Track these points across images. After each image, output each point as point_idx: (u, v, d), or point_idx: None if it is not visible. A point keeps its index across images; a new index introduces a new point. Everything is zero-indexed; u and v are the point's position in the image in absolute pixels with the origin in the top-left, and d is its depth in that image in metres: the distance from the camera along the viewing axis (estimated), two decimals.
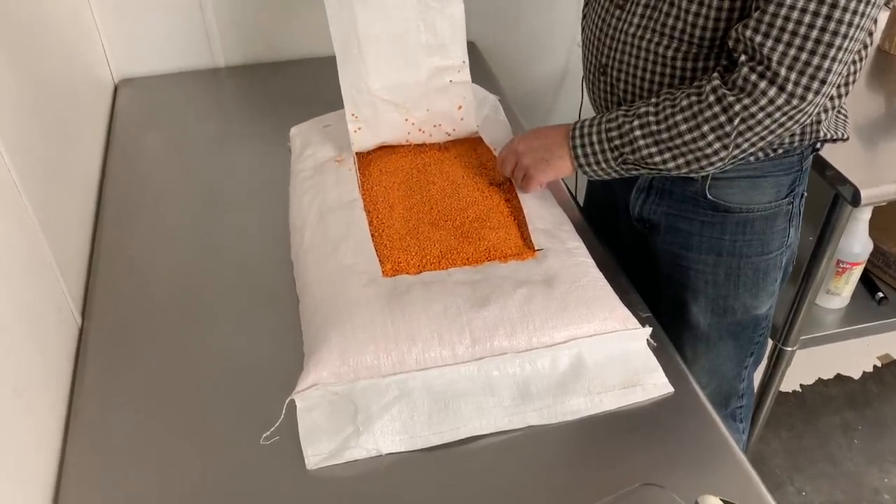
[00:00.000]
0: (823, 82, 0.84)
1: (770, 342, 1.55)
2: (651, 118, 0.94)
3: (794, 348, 1.54)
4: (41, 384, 0.86)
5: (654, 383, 0.91)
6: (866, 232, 1.51)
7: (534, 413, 0.87)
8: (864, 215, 1.49)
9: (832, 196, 1.30)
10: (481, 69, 1.55)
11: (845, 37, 0.81)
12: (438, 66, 1.17)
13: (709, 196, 1.07)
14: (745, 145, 0.90)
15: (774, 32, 0.83)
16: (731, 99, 0.87)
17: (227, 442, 0.85)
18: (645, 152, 0.95)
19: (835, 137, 1.03)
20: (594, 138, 0.99)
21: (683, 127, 0.91)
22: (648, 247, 1.20)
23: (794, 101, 0.85)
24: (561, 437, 0.87)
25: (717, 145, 0.90)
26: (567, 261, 1.00)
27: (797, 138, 1.00)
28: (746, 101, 0.86)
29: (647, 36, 0.97)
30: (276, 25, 1.57)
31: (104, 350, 0.97)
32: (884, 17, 1.62)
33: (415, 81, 1.17)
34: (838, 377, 2.06)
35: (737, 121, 0.87)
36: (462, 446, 0.85)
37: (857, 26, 0.81)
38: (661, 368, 0.92)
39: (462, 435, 0.85)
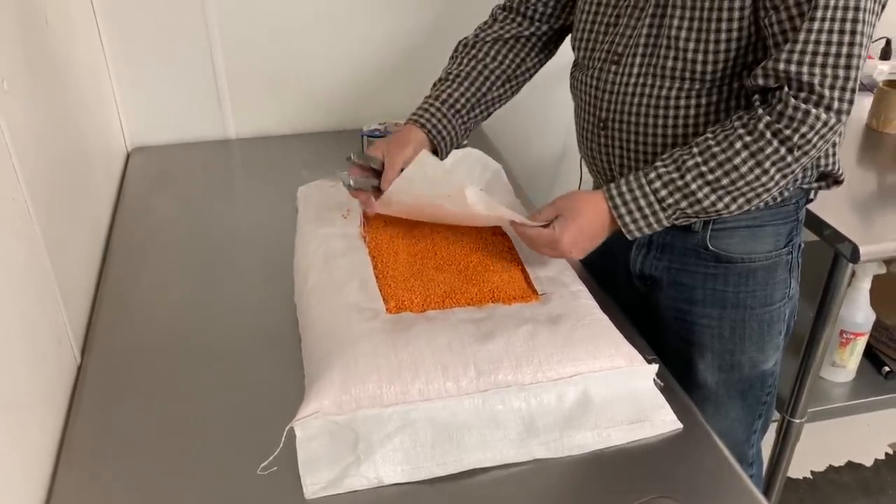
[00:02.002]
0: (854, 91, 0.89)
1: (778, 415, 1.53)
2: (704, 168, 0.93)
3: (803, 420, 1.50)
4: (35, 410, 0.85)
5: (663, 419, 0.89)
6: (867, 301, 1.51)
7: (540, 447, 0.85)
8: (864, 284, 1.50)
9: (832, 258, 1.32)
10: (487, 147, 1.59)
11: (861, 45, 0.87)
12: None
13: (710, 247, 1.08)
14: (798, 168, 0.93)
15: (808, 58, 0.87)
16: (788, 132, 0.89)
17: (223, 475, 0.83)
18: (706, 203, 0.94)
19: (835, 173, 1.06)
20: (642, 203, 0.96)
21: (745, 168, 0.92)
22: (650, 305, 1.20)
23: (842, 116, 0.89)
24: (569, 470, 0.84)
25: (777, 176, 0.92)
26: (571, 302, 1.00)
27: (799, 173, 1.02)
28: (804, 129, 0.89)
29: (648, 81, 1.01)
30: (286, 100, 1.63)
31: (102, 385, 0.95)
32: (868, 100, 1.70)
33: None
34: (850, 464, 2.00)
35: (797, 151, 0.90)
36: (467, 479, 0.82)
37: (869, 35, 0.88)
38: (668, 406, 0.90)
39: (466, 466, 0.82)
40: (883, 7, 0.90)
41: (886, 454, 2.03)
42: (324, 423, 0.84)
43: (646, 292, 1.19)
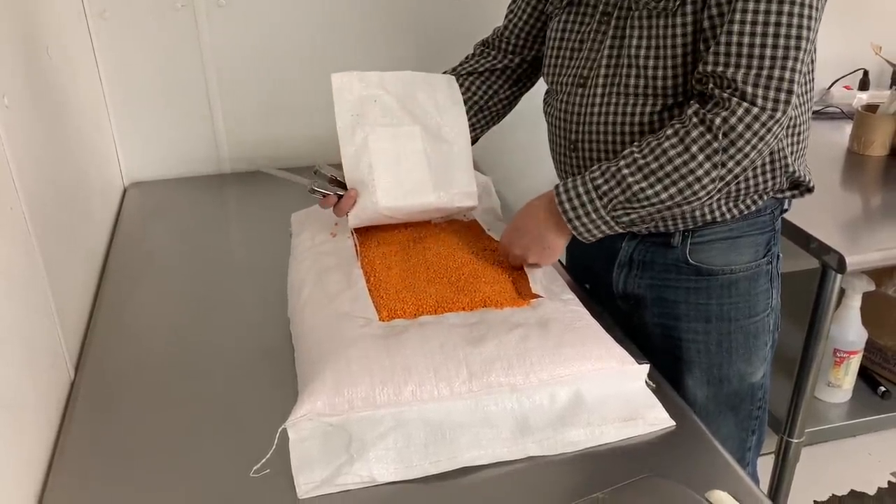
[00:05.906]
0: (790, 92, 0.90)
1: (776, 437, 1.52)
2: (636, 154, 0.96)
3: (801, 441, 1.50)
4: (29, 417, 0.85)
5: (655, 417, 0.89)
6: (858, 319, 1.52)
7: (533, 444, 0.85)
8: (854, 301, 1.51)
9: (819, 273, 1.34)
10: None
11: (797, 48, 0.89)
12: (447, 192, 1.18)
13: (691, 261, 1.09)
14: (731, 164, 0.92)
15: (733, 60, 0.90)
16: (710, 116, 0.91)
17: (215, 479, 0.82)
18: (636, 188, 0.95)
19: (804, 180, 1.08)
20: (580, 190, 0.99)
21: (672, 153, 0.93)
22: (635, 324, 1.20)
23: (768, 112, 0.90)
24: (563, 468, 0.84)
25: (707, 165, 0.92)
26: (561, 308, 1.01)
27: (769, 178, 1.04)
28: (725, 114, 0.91)
29: (613, 100, 1.04)
30: (281, 135, 1.67)
31: (94, 398, 0.95)
32: (848, 126, 1.74)
33: (421, 204, 1.19)
34: (853, 493, 1.97)
35: (720, 135, 0.91)
36: (460, 477, 0.82)
37: (805, 38, 0.89)
38: (660, 405, 0.91)
39: (459, 464, 0.82)
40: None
41: (889, 482, 2.01)
42: (316, 424, 0.84)
43: (630, 311, 1.20)
